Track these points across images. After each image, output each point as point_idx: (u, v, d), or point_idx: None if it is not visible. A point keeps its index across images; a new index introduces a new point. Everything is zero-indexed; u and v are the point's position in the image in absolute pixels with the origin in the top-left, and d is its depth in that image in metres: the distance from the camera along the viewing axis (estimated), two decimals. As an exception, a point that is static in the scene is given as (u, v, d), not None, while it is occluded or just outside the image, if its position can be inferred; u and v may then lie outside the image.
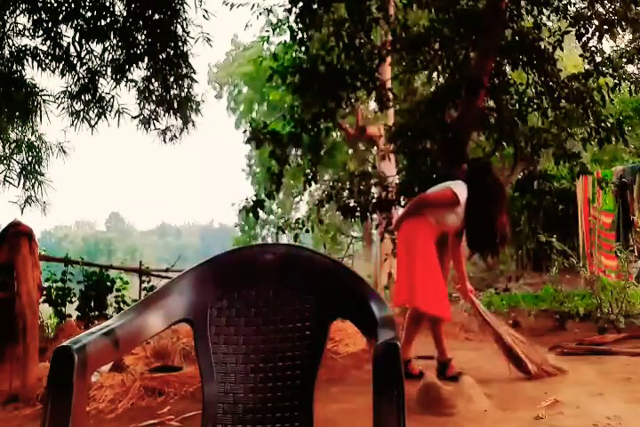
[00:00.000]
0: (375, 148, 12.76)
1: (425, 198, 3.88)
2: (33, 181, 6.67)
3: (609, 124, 5.64)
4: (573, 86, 5.72)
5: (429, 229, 3.73)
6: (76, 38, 5.91)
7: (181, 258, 8.75)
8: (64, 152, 6.84)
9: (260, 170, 17.02)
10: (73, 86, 6.19)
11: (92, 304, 6.37)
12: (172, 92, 6.36)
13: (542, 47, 5.76)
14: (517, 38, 5.83)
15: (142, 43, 6.05)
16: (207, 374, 1.43)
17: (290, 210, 18.03)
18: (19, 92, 6.08)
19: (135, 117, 6.39)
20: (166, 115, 6.45)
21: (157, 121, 6.47)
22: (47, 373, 1.12)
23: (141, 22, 6.00)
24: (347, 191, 6.53)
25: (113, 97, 6.24)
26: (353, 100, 6.51)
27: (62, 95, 6.21)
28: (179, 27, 6.12)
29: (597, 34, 5.51)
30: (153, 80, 6.32)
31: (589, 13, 5.58)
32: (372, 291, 1.44)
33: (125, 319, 1.33)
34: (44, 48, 6.00)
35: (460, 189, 3.73)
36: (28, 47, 6.05)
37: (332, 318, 1.47)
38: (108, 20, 5.92)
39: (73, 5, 5.77)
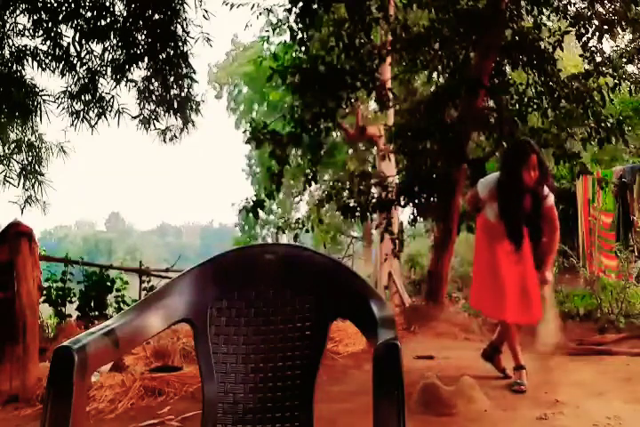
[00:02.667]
0: (375, 148, 12.74)
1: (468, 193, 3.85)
2: (33, 181, 6.66)
3: (609, 124, 5.64)
4: (573, 86, 5.73)
5: (485, 225, 3.64)
6: (76, 38, 5.91)
7: (181, 258, 8.75)
8: (64, 152, 6.84)
9: (260, 170, 17.00)
10: (73, 86, 6.19)
11: (92, 304, 6.36)
12: (172, 92, 6.35)
13: (542, 47, 5.77)
14: (517, 38, 5.83)
15: (142, 43, 6.05)
16: (207, 374, 1.43)
17: (290, 210, 17.99)
18: (19, 92, 6.08)
19: (135, 117, 6.38)
20: (166, 115, 6.45)
21: (157, 121, 6.47)
22: (47, 373, 1.12)
23: (141, 22, 6.00)
24: (347, 191, 6.54)
25: (113, 97, 6.24)
26: (353, 100, 6.51)
27: (62, 95, 6.21)
28: (179, 27, 6.12)
29: (597, 34, 5.52)
30: (153, 80, 6.32)
31: (589, 13, 5.59)
32: (373, 291, 1.44)
33: (125, 319, 1.33)
34: (44, 48, 6.01)
35: (483, 181, 3.63)
36: (27, 47, 6.05)
37: (331, 318, 1.47)
38: (108, 20, 5.91)
39: (73, 5, 5.77)
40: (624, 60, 5.78)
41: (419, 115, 6.22)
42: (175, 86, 6.34)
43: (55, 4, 5.82)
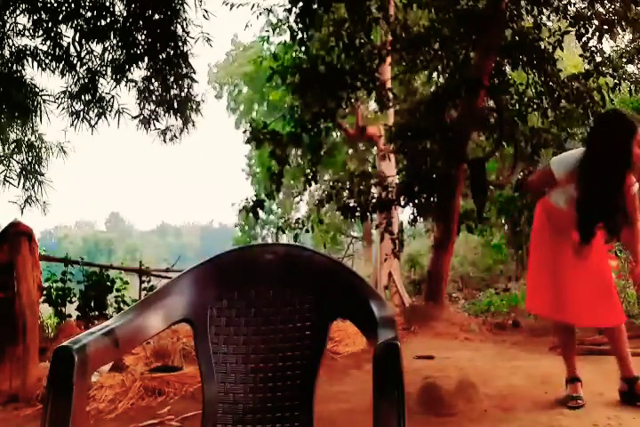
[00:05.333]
0: (375, 148, 12.76)
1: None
2: (33, 181, 6.68)
3: (609, 125, 5.64)
4: (573, 86, 5.74)
5: (550, 212, 3.05)
6: (76, 38, 5.92)
7: (181, 258, 8.76)
8: (64, 152, 6.86)
9: (260, 170, 17.01)
10: (73, 86, 6.20)
11: (92, 304, 6.37)
12: (172, 92, 6.36)
13: (542, 47, 5.78)
14: (517, 38, 5.85)
15: (142, 43, 6.06)
16: (207, 374, 1.43)
17: (290, 210, 18.00)
18: (19, 92, 6.08)
19: (135, 117, 6.39)
20: (166, 115, 6.46)
21: (157, 121, 6.48)
22: (47, 373, 1.12)
23: (141, 22, 6.00)
24: (347, 191, 6.55)
25: (113, 97, 6.25)
26: (353, 100, 6.52)
27: (62, 95, 6.22)
28: (179, 27, 6.12)
29: (597, 34, 5.52)
30: (153, 80, 6.33)
31: (589, 13, 5.59)
32: (373, 291, 1.44)
33: (125, 319, 1.33)
34: (44, 48, 6.02)
35: (560, 160, 2.99)
36: (28, 47, 6.06)
37: (331, 317, 1.47)
38: (108, 20, 5.92)
39: (73, 5, 5.77)
40: (624, 60, 5.79)
41: (419, 115, 6.23)
42: (175, 86, 6.35)
43: (55, 4, 5.82)
